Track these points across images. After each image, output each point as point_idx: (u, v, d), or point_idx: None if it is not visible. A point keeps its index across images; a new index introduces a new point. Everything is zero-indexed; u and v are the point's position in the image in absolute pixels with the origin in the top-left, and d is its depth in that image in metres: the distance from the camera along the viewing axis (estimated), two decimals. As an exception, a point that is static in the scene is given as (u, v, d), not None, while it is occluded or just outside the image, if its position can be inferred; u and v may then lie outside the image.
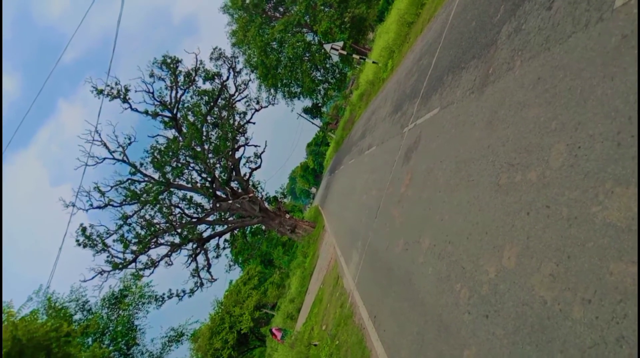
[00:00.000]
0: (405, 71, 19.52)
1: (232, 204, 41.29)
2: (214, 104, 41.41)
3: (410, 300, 7.75)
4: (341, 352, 12.24)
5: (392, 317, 8.60)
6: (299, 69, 58.36)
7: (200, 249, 42.68)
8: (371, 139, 22.46)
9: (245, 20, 57.17)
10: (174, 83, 40.00)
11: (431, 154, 9.48)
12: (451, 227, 6.92)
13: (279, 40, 55.35)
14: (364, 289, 12.22)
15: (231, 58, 42.78)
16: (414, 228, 8.87)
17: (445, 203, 7.55)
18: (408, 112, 14.55)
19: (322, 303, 20.28)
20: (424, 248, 7.89)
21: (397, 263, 9.39)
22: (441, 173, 8.28)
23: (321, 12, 50.49)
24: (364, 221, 15.79)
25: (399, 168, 12.47)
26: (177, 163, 39.85)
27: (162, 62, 38.87)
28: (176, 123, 40.98)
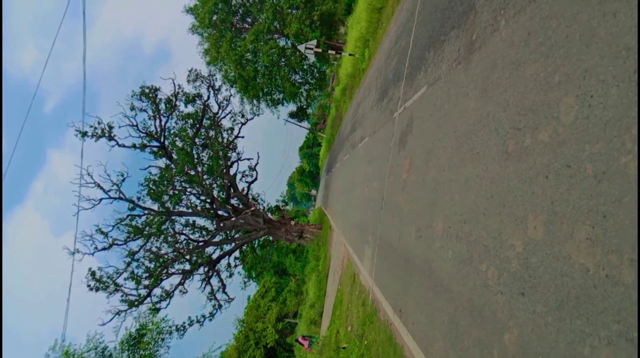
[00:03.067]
0: (384, 56, 19.16)
1: (235, 221, 40.91)
2: (199, 125, 41.07)
3: (435, 288, 7.39)
4: (372, 352, 11.88)
5: (418, 309, 8.24)
6: (278, 75, 57.95)
7: (212, 271, 42.33)
8: (362, 131, 22.10)
9: (215, 37, 56.69)
10: (156, 112, 39.64)
11: (427, 134, 9.12)
12: (464, 205, 6.56)
13: (253, 51, 54.96)
14: (383, 284, 11.86)
15: (208, 77, 42.47)
16: (424, 212, 8.51)
17: (452, 182, 7.19)
18: (395, 96, 14.19)
19: (343, 304, 19.92)
20: (438, 232, 7.54)
21: (413, 252, 9.03)
22: (442, 151, 7.92)
23: (289, 15, 50.06)
24: (370, 214, 15.43)
25: (396, 154, 12.10)
26: (174, 190, 39.48)
27: (141, 94, 38.51)
28: (166, 151, 40.62)
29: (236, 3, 56.34)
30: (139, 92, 38.52)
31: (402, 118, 12.22)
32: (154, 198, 38.51)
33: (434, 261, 7.57)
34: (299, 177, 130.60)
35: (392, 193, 11.94)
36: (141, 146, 39.68)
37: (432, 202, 8.08)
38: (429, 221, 8.12)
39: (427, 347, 7.53)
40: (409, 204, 9.89)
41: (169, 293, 39.14)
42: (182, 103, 40.95)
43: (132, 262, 37.47)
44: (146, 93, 38.72)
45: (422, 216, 8.57)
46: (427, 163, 8.73)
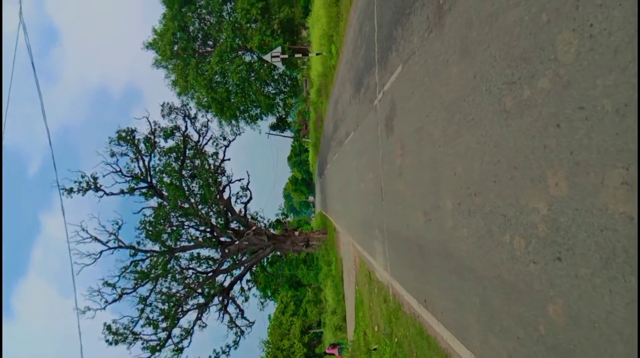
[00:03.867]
0: (351, 47, 18.72)
1: (239, 245, 40.40)
2: (183, 157, 40.60)
3: (457, 270, 6.91)
4: (404, 348, 11.40)
5: (444, 296, 7.77)
6: (250, 91, 57.45)
7: (227, 300, 41.82)
8: (346, 128, 21.64)
9: (180, 67, 56.13)
10: (138, 153, 39.20)
11: (413, 113, 8.67)
12: (470, 177, 6.09)
13: (221, 72, 54.47)
14: (400, 276, 11.39)
15: (182, 107, 42.13)
16: (428, 194, 8.03)
17: (451, 155, 6.72)
18: (371, 84, 13.73)
19: (365, 305, 19.44)
20: (448, 211, 7.07)
21: (424, 237, 8.56)
22: (433, 127, 7.46)
23: (249, 30, 49.63)
24: (371, 208, 14.96)
25: (385, 142, 11.64)
26: (171, 227, 38.98)
27: (119, 138, 38.10)
28: (155, 190, 40.13)
29: (194, 29, 55.84)
30: (116, 137, 38.13)
31: (383, 104, 11.76)
32: (153, 239, 38.06)
33: (449, 243, 7.10)
34: (293, 187, 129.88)
35: (389, 181, 11.48)
36: (129, 190, 39.25)
37: (434, 181, 7.61)
38: (435, 202, 7.65)
39: (462, 334, 7.06)
40: (410, 189, 9.43)
41: (188, 331, 38.67)
42: (161, 139, 40.57)
43: (145, 308, 36.96)
44: (123, 137, 38.34)
45: (427, 199, 8.11)
46: (420, 143, 8.27)
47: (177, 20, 53.09)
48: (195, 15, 55.30)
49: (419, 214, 8.73)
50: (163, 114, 40.87)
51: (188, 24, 54.63)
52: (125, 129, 38.46)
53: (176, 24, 53.30)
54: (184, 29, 54.60)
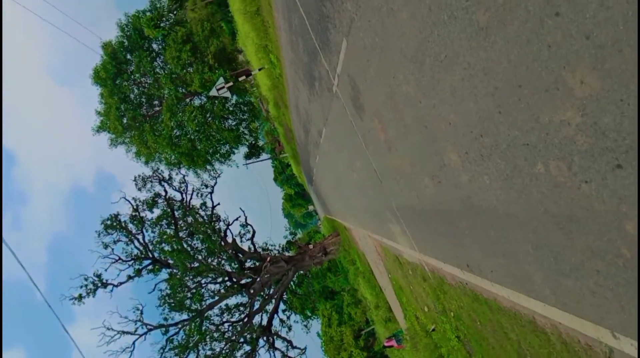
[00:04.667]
0: (289, 47, 17.97)
1: (262, 280, 39.71)
2: (174, 220, 39.92)
3: (493, 223, 6.14)
4: (464, 319, 10.63)
5: (488, 254, 6.99)
6: (212, 132, 56.59)
7: (271, 337, 41.14)
8: (316, 127, 20.87)
9: (137, 136, 55.27)
10: (129, 235, 38.54)
11: (378, 81, 7.89)
12: (468, 120, 5.32)
13: (177, 126, 53.58)
14: (431, 249, 10.62)
15: (154, 174, 41.67)
16: (428, 156, 7.25)
17: (437, 106, 5.95)
18: (322, 74, 12.97)
19: (405, 290, 18.68)
20: (457, 166, 6.29)
21: (442, 202, 7.78)
22: (405, 85, 6.68)
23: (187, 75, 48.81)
24: (373, 194, 14.19)
25: (360, 123, 10.85)
26: (190, 291, 38.27)
27: (106, 228, 37.49)
28: (160, 262, 39.46)
29: (135, 95, 55.02)
30: (102, 228, 37.56)
31: (343, 87, 10.99)
32: (178, 309, 37.37)
33: (473, 197, 6.31)
34: (290, 204, 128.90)
35: (381, 161, 10.70)
36: (136, 273, 38.67)
37: (429, 141, 6.82)
38: (439, 162, 6.87)
39: (525, 287, 6.28)
40: (406, 160, 8.65)
41: (246, 382, 38.16)
42: (147, 211, 39.99)
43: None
44: (109, 225, 37.77)
45: (429, 162, 7.32)
46: (397, 108, 7.49)
47: (115, 95, 52.26)
48: (131, 83, 54.45)
49: (426, 181, 7.95)
50: (139, 187, 40.35)
51: (127, 93, 53.79)
52: (109, 216, 38.04)
53: (116, 98, 52.46)
54: (125, 100, 53.74)
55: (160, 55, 53.50)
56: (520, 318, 7.06)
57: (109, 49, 49.31)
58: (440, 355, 15.59)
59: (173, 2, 46.12)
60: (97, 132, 55.86)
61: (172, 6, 47.33)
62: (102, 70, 49.83)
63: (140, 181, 41.23)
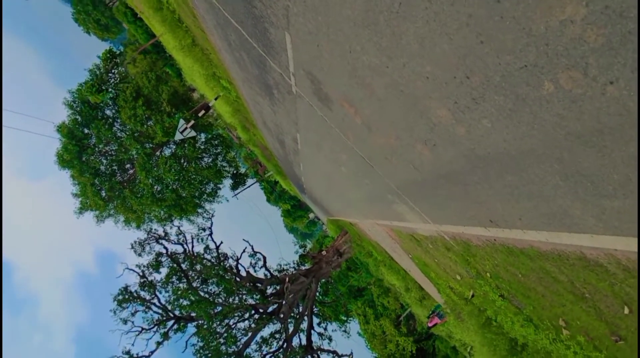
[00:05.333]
0: (236, 65, 17.31)
1: (287, 302, 39.03)
2: (184, 273, 39.29)
3: (507, 168, 5.51)
4: (503, 276, 10.01)
5: (510, 203, 6.35)
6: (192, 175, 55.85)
7: (315, 354, 40.59)
8: (289, 135, 20.22)
9: (120, 205, 54.42)
10: (144, 302, 37.95)
11: (335, 63, 7.24)
12: (446, 65, 4.68)
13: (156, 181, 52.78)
14: (446, 217, 9.98)
15: (149, 234, 41.20)
16: (413, 122, 6.59)
17: (408, 64, 5.30)
18: (277, 78, 12.33)
19: (430, 266, 18.07)
20: (449, 120, 5.65)
21: (443, 166, 7.14)
22: (365, 56, 6.04)
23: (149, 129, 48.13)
24: (368, 182, 13.57)
25: (331, 114, 10.20)
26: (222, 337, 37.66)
27: (119, 304, 36.91)
28: (184, 318, 38.83)
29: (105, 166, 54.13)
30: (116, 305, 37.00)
31: (302, 84, 10.35)
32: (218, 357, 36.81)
33: (477, 149, 5.68)
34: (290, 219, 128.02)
35: (365, 145, 10.05)
36: (164, 337, 38.11)
37: (409, 105, 6.18)
38: (427, 124, 6.23)
39: (564, 223, 5.66)
40: (390, 134, 8.00)
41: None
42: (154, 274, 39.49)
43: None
44: (122, 300, 37.20)
45: (416, 127, 6.67)
46: (364, 83, 6.85)
47: (86, 172, 51.35)
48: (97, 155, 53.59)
49: (419, 149, 7.31)
50: (138, 253, 39.88)
51: (97, 167, 52.88)
52: (119, 291, 37.46)
53: (87, 175, 51.55)
54: (97, 174, 52.83)
55: (117, 119, 52.74)
56: (566, 257, 6.45)
57: (64, 130, 48.46)
58: (488, 318, 14.99)
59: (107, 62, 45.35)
60: (80, 213, 54.92)
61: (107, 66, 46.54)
62: (65, 152, 48.94)
63: (138, 246, 40.83)
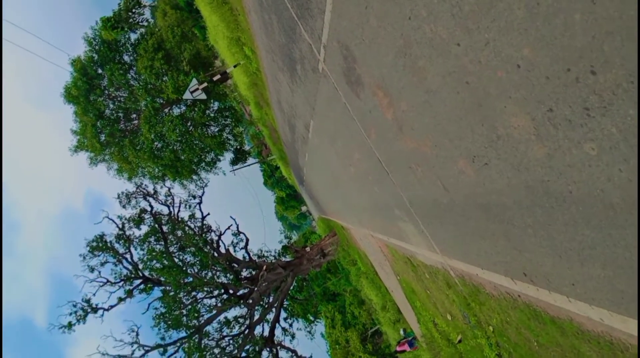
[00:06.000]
0: (262, 31, 15.76)
1: (259, 290, 37.59)
2: (163, 236, 37.84)
3: (592, 218, 3.98)
4: (511, 337, 8.49)
5: (571, 262, 4.80)
6: (195, 140, 54.26)
7: (274, 348, 39.17)
8: (302, 120, 18.68)
9: (117, 152, 52.86)
10: (117, 255, 36.49)
11: (383, 33, 5.69)
12: (563, 52, 3.17)
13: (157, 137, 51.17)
14: (463, 253, 8.44)
15: (137, 189, 39.78)
16: (467, 128, 5.04)
17: (495, 42, 3.76)
18: (304, 52, 10.80)
19: (419, 293, 16.56)
20: (524, 136, 4.12)
21: (488, 193, 5.62)
22: (431, 23, 4.48)
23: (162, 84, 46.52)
24: (377, 189, 12.05)
25: (358, 103, 8.66)
26: (186, 308, 36.21)
27: (91, 250, 35.45)
28: (152, 281, 37.41)
29: (111, 111, 52.57)
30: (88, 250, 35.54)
31: (331, 60, 8.81)
32: (175, 327, 35.36)
33: (552, 182, 4.16)
34: (283, 207, 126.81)
35: (388, 146, 8.51)
36: (128, 294, 36.67)
37: (471, 105, 4.62)
38: (488, 134, 4.68)
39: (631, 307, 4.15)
40: (426, 139, 6.45)
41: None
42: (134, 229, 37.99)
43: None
44: (95, 247, 35.73)
45: (469, 136, 5.12)
46: (415, 67, 5.31)
47: (90, 112, 49.81)
48: (105, 98, 52.06)
49: (460, 165, 5.78)
50: (123, 205, 38.42)
51: (102, 109, 51.31)
52: (94, 238, 36.04)
53: (91, 115, 50.02)
54: (101, 116, 51.27)
55: (133, 66, 51.27)
56: (620, 348, 4.95)
57: (78, 65, 46.90)
58: (470, 368, 13.52)
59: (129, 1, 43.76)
60: (75, 152, 53.44)
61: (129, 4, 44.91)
62: (73, 87, 47.40)
63: (124, 198, 39.43)
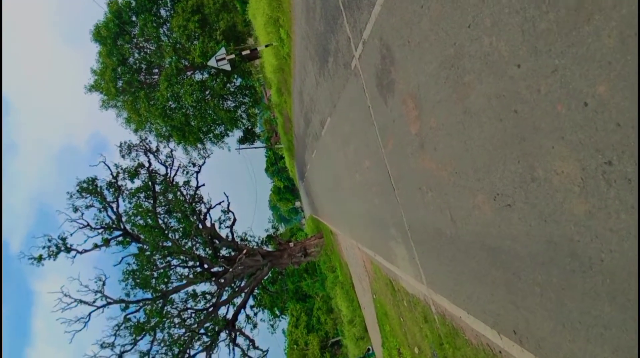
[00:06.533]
0: (303, 16, 15.26)
1: (234, 272, 37.03)
2: (154, 194, 37.25)
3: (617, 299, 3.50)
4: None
5: (577, 334, 4.30)
6: (209, 110, 53.70)
7: (234, 332, 38.57)
8: (319, 116, 18.18)
9: (130, 101, 52.32)
10: (104, 202, 35.87)
11: (432, 38, 5.19)
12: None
13: (173, 97, 50.62)
14: (451, 291, 7.92)
15: (141, 143, 38.99)
16: (500, 161, 4.53)
17: (565, 68, 3.28)
18: (340, 45, 10.31)
19: (391, 318, 16.05)
20: (564, 186, 3.62)
21: (501, 237, 5.12)
22: (493, 36, 4.00)
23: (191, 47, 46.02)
24: (378, 202, 11.56)
25: (383, 109, 8.17)
26: (157, 271, 35.63)
27: (80, 191, 34.83)
28: (131, 236, 36.87)
29: (135, 60, 52.07)
30: (77, 190, 34.90)
31: (367, 58, 8.32)
32: (142, 287, 34.81)
33: (582, 243, 3.66)
34: (277, 197, 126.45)
35: (403, 162, 8.02)
36: (104, 243, 36.10)
37: (512, 137, 4.11)
38: (523, 174, 4.17)
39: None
40: (448, 164, 5.96)
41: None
42: (127, 181, 37.38)
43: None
44: (84, 188, 35.09)
45: (499, 171, 4.61)
46: (460, 81, 4.81)
47: (114, 56, 49.36)
48: (132, 46, 51.58)
49: (478, 200, 5.29)
50: (123, 154, 37.75)
51: (127, 56, 50.86)
52: (86, 179, 35.32)
53: (114, 59, 49.55)
54: (124, 63, 50.80)
55: (167, 22, 50.81)
56: None
57: (114, 7, 46.56)
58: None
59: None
60: (89, 91, 53.01)
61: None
62: (104, 27, 47.00)
63: (126, 148, 38.67)
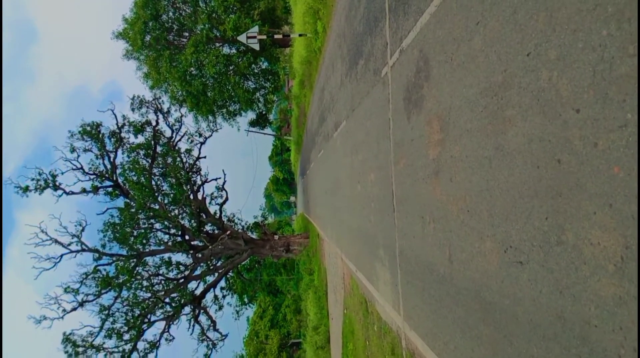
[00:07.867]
0: (344, 12, 14.74)
1: (213, 249, 36.52)
2: (154, 154, 36.73)
3: None
4: None
5: None
6: (229, 85, 53.18)
7: (198, 309, 38.06)
8: (335, 117, 17.66)
9: (152, 58, 51.81)
10: (102, 149, 35.38)
11: (480, 60, 4.67)
12: None
13: (196, 64, 50.10)
14: (429, 333, 7.37)
15: (154, 101, 38.41)
16: (525, 214, 3.98)
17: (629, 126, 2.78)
18: (376, 49, 9.79)
19: (357, 337, 15.53)
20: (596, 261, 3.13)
21: (501, 295, 4.60)
22: (554, 71, 3.50)
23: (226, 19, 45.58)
24: (373, 219, 11.04)
25: (405, 125, 7.65)
26: (138, 230, 35.11)
27: (83, 133, 34.33)
28: (121, 189, 36.44)
29: (168, 18, 51.57)
30: (79, 131, 34.41)
31: (401, 68, 7.80)
32: (119, 242, 34.33)
33: (599, 328, 3.15)
34: (274, 187, 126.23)
35: (411, 185, 7.49)
36: (93, 189, 35.65)
37: (546, 190, 3.56)
38: (549, 235, 3.62)
39: None
40: (460, 200, 5.43)
41: (154, 344, 35.20)
42: (131, 134, 36.86)
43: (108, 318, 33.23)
44: (88, 131, 34.60)
45: (519, 224, 4.07)
46: (499, 114, 4.28)
47: (148, 9, 48.92)
48: (169, 4, 51.12)
49: (486, 247, 4.77)
50: (133, 107, 37.24)
51: (161, 12, 50.43)
52: (90, 123, 34.81)
53: (148, 12, 49.10)
54: (156, 18, 50.35)
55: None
56: None
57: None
58: None
59: None
60: (116, 38, 52.71)
61: None
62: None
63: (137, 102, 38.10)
